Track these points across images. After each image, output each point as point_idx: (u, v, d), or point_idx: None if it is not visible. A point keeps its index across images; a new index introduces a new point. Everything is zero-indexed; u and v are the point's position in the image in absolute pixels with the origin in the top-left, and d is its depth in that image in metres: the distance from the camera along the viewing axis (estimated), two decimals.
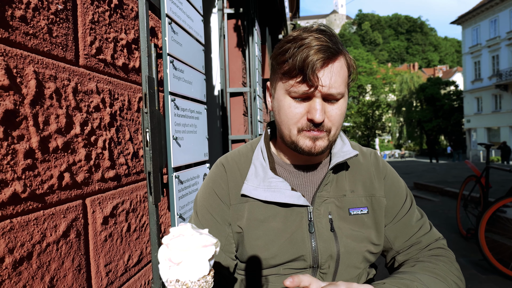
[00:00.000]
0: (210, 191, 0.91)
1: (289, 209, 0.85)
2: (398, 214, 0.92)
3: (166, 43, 1.27)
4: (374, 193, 0.90)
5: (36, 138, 0.84)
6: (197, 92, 1.62)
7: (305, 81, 0.75)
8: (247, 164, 0.92)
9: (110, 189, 1.17)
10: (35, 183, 0.84)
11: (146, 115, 1.18)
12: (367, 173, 0.92)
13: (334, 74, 0.76)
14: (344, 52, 0.79)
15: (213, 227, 0.88)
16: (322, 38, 0.75)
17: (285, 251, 0.83)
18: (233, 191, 0.89)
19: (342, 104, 0.80)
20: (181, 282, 0.51)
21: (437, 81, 36.27)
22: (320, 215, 0.85)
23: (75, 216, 0.98)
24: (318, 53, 0.73)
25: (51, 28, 0.91)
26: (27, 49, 0.82)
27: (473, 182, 4.45)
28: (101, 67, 1.14)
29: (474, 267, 3.51)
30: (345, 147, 0.90)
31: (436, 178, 10.18)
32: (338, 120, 0.80)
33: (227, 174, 0.91)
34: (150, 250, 1.44)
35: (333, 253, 0.83)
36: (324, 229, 0.84)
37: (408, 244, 0.91)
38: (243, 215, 0.86)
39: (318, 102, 0.77)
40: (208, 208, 0.90)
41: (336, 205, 0.87)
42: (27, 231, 0.81)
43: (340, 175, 0.90)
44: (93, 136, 1.08)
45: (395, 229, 0.91)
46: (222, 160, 0.95)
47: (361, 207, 0.87)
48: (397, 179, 0.96)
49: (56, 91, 0.91)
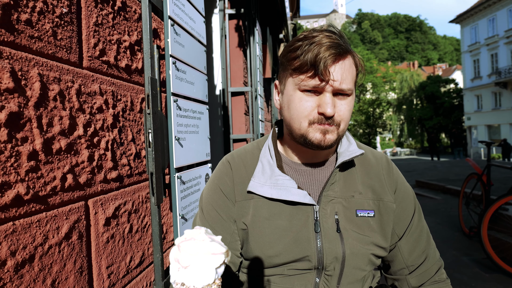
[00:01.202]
0: (216, 188, 0.91)
1: (295, 207, 0.85)
2: (410, 228, 0.93)
3: (168, 45, 1.27)
4: (382, 197, 0.90)
5: (40, 140, 0.84)
6: (199, 92, 1.62)
7: (317, 75, 0.76)
8: (253, 161, 0.92)
9: (112, 190, 1.17)
10: (38, 185, 0.84)
11: (148, 116, 1.18)
12: (377, 176, 0.92)
13: (345, 70, 0.78)
14: (352, 52, 0.82)
15: (218, 223, 0.89)
16: (332, 36, 0.78)
17: (289, 250, 0.83)
18: (239, 187, 0.89)
19: (351, 101, 0.82)
20: (185, 286, 0.51)
21: (437, 79, 36.23)
22: (327, 215, 0.85)
23: (77, 217, 0.98)
24: (329, 49, 0.75)
25: (56, 31, 0.91)
26: (32, 52, 0.83)
27: (474, 180, 4.44)
28: (105, 69, 1.14)
29: (477, 265, 3.49)
30: (351, 147, 0.91)
31: (438, 176, 10.16)
32: (347, 115, 0.82)
33: (232, 171, 0.91)
34: (152, 251, 1.44)
35: (338, 254, 0.83)
36: (330, 229, 0.84)
37: (421, 260, 0.93)
38: (248, 212, 0.86)
39: (329, 96, 0.78)
40: (214, 204, 0.90)
41: (343, 205, 0.86)
42: (29, 233, 0.81)
43: (348, 176, 0.90)
44: (96, 137, 1.08)
45: (409, 245, 0.92)
46: (228, 157, 0.96)
47: (368, 210, 0.87)
48: (408, 190, 0.96)
49: (60, 93, 0.92)
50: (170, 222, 1.65)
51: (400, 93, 40.38)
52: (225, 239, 0.87)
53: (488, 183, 4.05)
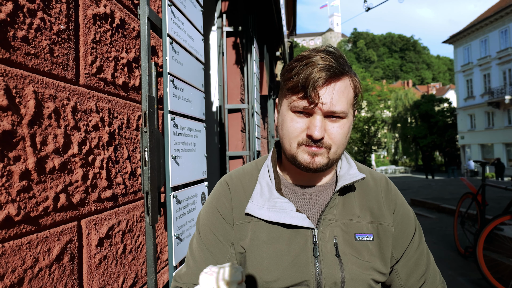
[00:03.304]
0: (213, 210, 0.90)
1: (294, 231, 0.83)
2: (408, 251, 0.90)
3: (166, 62, 1.26)
4: (381, 220, 0.88)
5: (33, 159, 0.82)
6: (197, 110, 1.62)
7: (306, 97, 0.76)
8: (252, 182, 0.91)
9: (106, 209, 1.14)
10: (29, 205, 0.81)
11: (145, 134, 1.17)
12: (376, 199, 0.90)
13: (336, 92, 0.77)
14: (350, 74, 0.81)
15: (216, 246, 0.87)
16: (327, 58, 0.77)
17: (288, 275, 0.81)
18: (237, 210, 0.87)
19: (345, 124, 0.80)
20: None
21: (431, 98, 36.78)
22: (325, 239, 0.83)
23: (69, 238, 0.95)
24: (321, 72, 0.75)
25: (53, 48, 0.90)
26: (28, 69, 0.81)
27: (469, 199, 4.43)
28: (101, 86, 1.13)
29: (473, 286, 3.46)
30: (351, 170, 0.89)
31: (432, 194, 10.16)
32: (339, 138, 0.80)
33: (231, 193, 0.90)
34: (145, 272, 1.40)
35: (337, 279, 0.81)
36: (329, 253, 0.82)
37: (419, 285, 0.90)
38: (247, 235, 0.85)
39: (319, 119, 0.77)
40: (211, 227, 0.88)
41: (342, 229, 0.85)
42: (19, 255, 0.78)
43: (347, 199, 0.88)
44: (91, 156, 1.06)
45: (407, 268, 0.90)
46: (226, 178, 0.94)
47: (366, 234, 0.86)
48: (408, 211, 0.94)
49: (55, 110, 0.90)
50: (164, 242, 1.61)
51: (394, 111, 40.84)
52: (222, 263, 0.85)
53: (483, 203, 4.05)
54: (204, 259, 0.87)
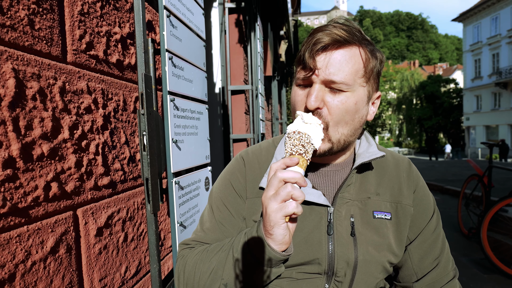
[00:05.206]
0: (227, 183, 0.89)
1: (308, 207, 0.81)
2: (424, 232, 0.88)
3: (164, 38, 1.16)
4: (400, 200, 0.86)
5: (17, 145, 0.74)
6: (198, 91, 1.52)
7: (305, 65, 0.74)
8: (268, 158, 0.89)
9: (104, 197, 1.07)
10: (16, 196, 0.74)
11: (142, 117, 1.08)
12: (397, 179, 0.88)
13: (338, 61, 0.72)
14: (361, 45, 0.75)
15: (227, 220, 0.86)
16: (338, 27, 0.74)
17: (299, 251, 0.79)
18: (251, 184, 0.86)
19: (348, 98, 0.74)
20: (301, 134, 0.68)
21: (438, 79, 36.10)
22: (341, 217, 0.81)
23: (65, 229, 0.89)
24: (323, 37, 0.72)
25: (33, 20, 0.80)
26: (4, 43, 0.72)
27: (475, 181, 4.39)
28: (93, 64, 1.03)
29: (476, 266, 3.48)
30: (371, 148, 0.87)
31: (436, 176, 10.12)
32: (338, 114, 0.74)
33: (245, 168, 0.89)
34: (148, 260, 1.35)
35: (350, 260, 0.79)
36: (344, 232, 0.80)
37: (431, 268, 0.88)
38: (259, 210, 0.83)
39: (316, 88, 0.73)
40: (224, 200, 0.88)
41: (359, 207, 0.83)
42: (8, 250, 0.72)
43: (365, 177, 0.86)
44: (84, 141, 0.98)
45: (421, 250, 0.88)
46: (242, 153, 0.93)
47: (385, 212, 0.84)
48: (427, 194, 0.92)
49: (40, 91, 0.81)
50: (168, 228, 1.56)
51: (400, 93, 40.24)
52: (232, 236, 0.84)
53: (489, 185, 4.01)
54: (214, 230, 0.86)
